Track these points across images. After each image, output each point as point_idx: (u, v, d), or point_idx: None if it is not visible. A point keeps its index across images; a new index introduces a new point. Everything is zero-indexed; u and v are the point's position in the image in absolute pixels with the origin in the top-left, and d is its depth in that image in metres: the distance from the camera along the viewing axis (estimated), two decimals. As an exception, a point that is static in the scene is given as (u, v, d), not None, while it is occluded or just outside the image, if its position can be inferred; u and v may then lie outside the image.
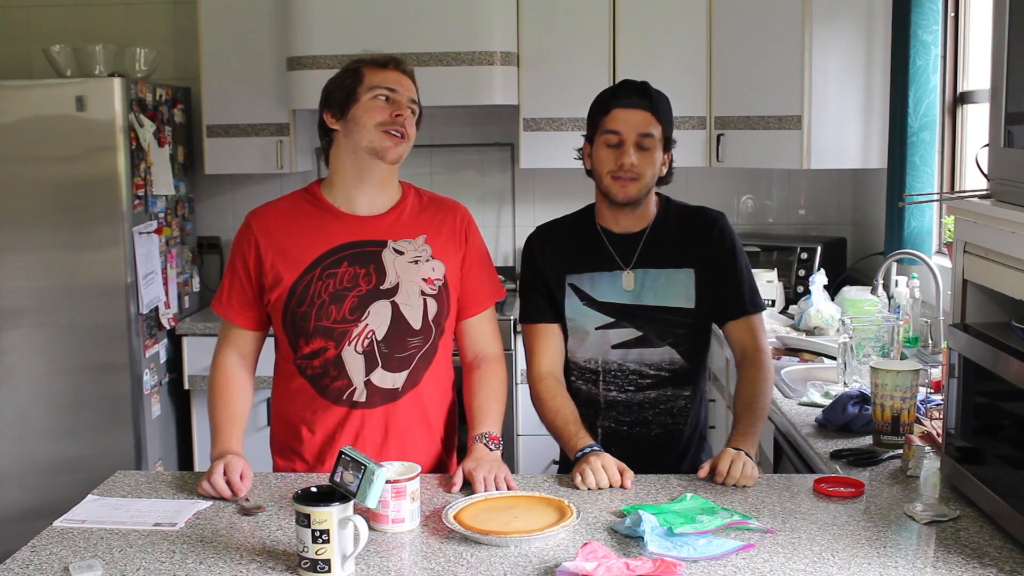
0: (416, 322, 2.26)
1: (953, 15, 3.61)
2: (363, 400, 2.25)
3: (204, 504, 2.03)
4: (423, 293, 2.27)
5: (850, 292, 3.63)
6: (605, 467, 2.10)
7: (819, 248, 4.20)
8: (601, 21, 4.22)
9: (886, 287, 3.59)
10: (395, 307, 2.25)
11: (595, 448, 2.18)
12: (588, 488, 2.08)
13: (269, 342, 2.37)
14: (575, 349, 2.41)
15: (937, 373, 2.82)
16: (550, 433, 2.34)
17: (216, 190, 4.71)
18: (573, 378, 2.42)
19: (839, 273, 4.23)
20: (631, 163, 2.27)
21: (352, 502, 1.75)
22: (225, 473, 2.08)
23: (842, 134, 3.99)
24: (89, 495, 2.10)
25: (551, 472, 2.65)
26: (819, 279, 3.68)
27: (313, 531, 1.69)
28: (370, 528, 1.83)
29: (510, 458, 4.09)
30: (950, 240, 3.32)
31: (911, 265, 3.65)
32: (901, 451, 2.22)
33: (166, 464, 4.17)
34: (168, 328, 4.18)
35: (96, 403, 3.92)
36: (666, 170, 2.36)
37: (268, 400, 2.48)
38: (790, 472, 2.51)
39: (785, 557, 1.75)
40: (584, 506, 1.98)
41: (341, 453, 1.81)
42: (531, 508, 1.95)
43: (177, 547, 1.84)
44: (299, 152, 4.39)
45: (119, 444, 3.92)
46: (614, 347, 2.38)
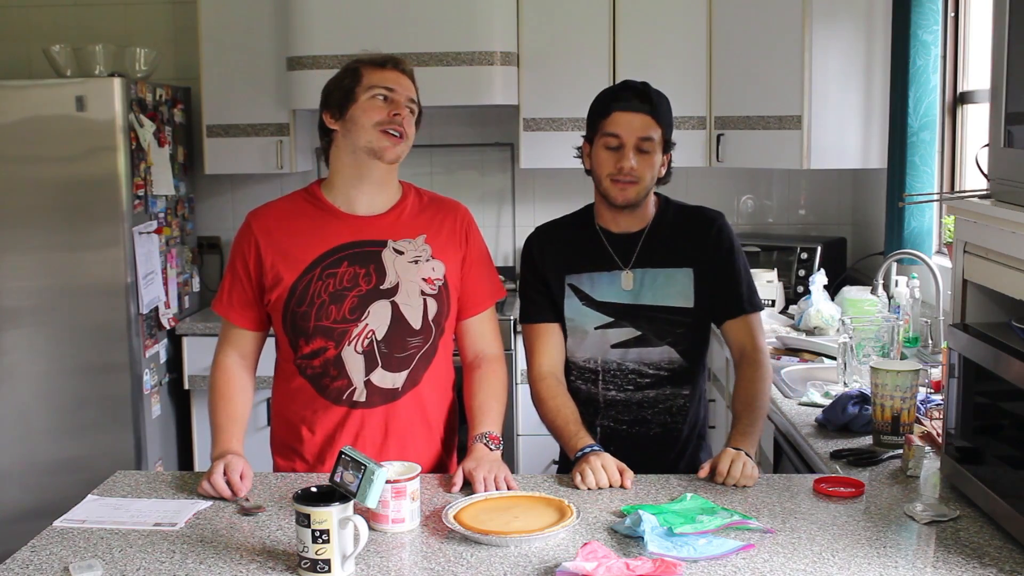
0: (416, 322, 2.26)
1: (953, 15, 3.61)
2: (363, 400, 2.25)
3: (204, 504, 2.03)
4: (423, 293, 2.26)
5: (850, 292, 3.63)
6: (605, 467, 2.10)
7: (819, 248, 4.19)
8: (601, 21, 4.22)
9: (886, 287, 3.59)
10: (395, 307, 2.24)
11: (595, 448, 2.18)
12: (588, 488, 2.08)
13: (270, 342, 2.37)
14: (574, 349, 2.41)
15: (937, 373, 2.82)
16: (550, 433, 2.34)
17: (216, 190, 4.71)
18: (572, 377, 2.43)
19: (839, 273, 4.22)
20: (631, 167, 2.28)
21: (352, 502, 1.75)
22: (225, 473, 2.08)
23: (842, 134, 3.99)
24: (89, 495, 2.10)
25: (551, 472, 2.65)
26: (819, 279, 3.68)
27: (313, 531, 1.69)
28: (370, 528, 1.83)
29: (510, 458, 4.09)
30: (950, 240, 3.32)
31: (911, 265, 3.65)
32: (901, 451, 2.22)
33: (166, 464, 4.17)
34: (168, 328, 4.18)
35: (96, 403, 3.92)
36: (665, 171, 2.37)
37: (268, 400, 2.48)
38: (790, 472, 2.51)
39: (785, 557, 1.75)
40: (584, 506, 1.98)
41: (341, 453, 1.81)
42: (531, 508, 1.94)
43: (177, 547, 1.84)
44: (299, 152, 4.39)
45: (119, 444, 3.92)
46: (613, 347, 2.38)
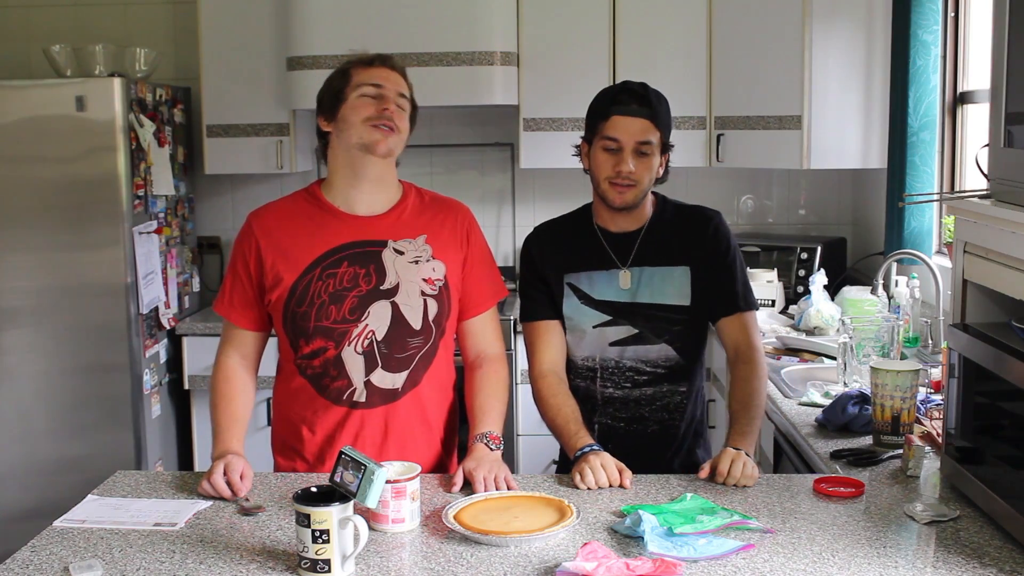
0: (416, 322, 2.26)
1: (953, 15, 3.61)
2: (363, 400, 2.25)
3: (204, 504, 2.03)
4: (423, 293, 2.26)
5: (850, 292, 3.63)
6: (604, 466, 2.11)
7: (819, 248, 4.20)
8: (601, 21, 4.22)
9: (886, 287, 3.59)
10: (395, 307, 2.24)
11: (595, 447, 2.18)
12: (587, 488, 2.08)
13: (271, 342, 2.37)
14: (573, 347, 2.42)
15: (937, 373, 2.82)
16: (550, 431, 2.34)
17: (216, 190, 4.71)
18: (571, 375, 2.43)
19: (839, 273, 4.22)
20: (629, 171, 2.28)
21: (352, 502, 1.75)
22: (225, 473, 2.08)
23: (842, 134, 3.99)
24: (89, 495, 2.10)
25: (551, 472, 2.65)
26: (819, 279, 3.68)
27: (313, 531, 1.69)
28: (370, 528, 1.83)
29: (510, 458, 4.09)
30: (950, 240, 3.32)
31: (911, 265, 3.65)
32: (901, 451, 2.22)
33: (166, 464, 4.17)
34: (168, 328, 4.17)
35: (96, 403, 3.92)
36: (662, 171, 2.37)
37: (269, 400, 2.48)
38: (790, 472, 2.51)
39: (785, 557, 1.75)
40: (584, 506, 1.98)
41: (341, 453, 1.81)
42: (531, 508, 1.94)
43: (177, 547, 1.84)
44: (299, 152, 4.39)
45: (119, 444, 3.92)
46: (611, 344, 2.39)
